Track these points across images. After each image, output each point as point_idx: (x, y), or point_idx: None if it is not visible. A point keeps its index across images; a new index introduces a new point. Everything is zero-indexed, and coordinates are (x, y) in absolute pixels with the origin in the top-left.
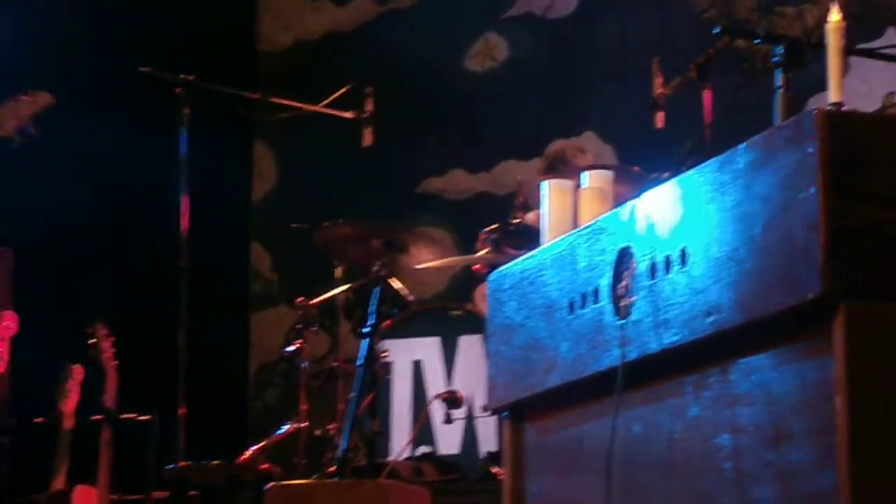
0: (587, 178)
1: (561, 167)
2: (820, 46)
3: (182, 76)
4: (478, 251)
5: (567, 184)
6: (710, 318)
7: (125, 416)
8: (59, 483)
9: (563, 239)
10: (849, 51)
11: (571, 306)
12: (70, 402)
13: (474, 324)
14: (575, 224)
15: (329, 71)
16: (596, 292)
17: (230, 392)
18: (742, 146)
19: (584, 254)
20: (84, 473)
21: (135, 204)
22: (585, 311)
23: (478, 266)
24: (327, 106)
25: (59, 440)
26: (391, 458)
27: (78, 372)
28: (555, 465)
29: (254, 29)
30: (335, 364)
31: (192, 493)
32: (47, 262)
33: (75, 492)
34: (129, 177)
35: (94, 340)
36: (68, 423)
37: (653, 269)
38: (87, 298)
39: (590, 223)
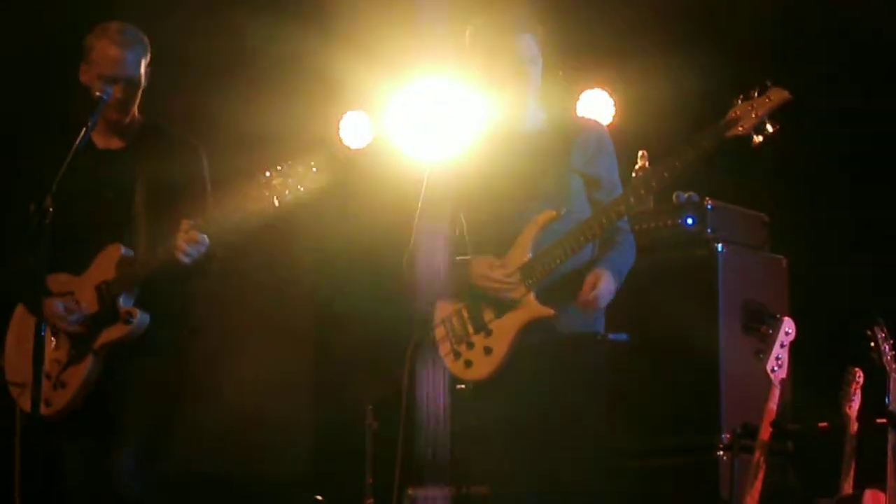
0: None
1: None
2: None
3: None
4: None
5: None
6: None
7: None
8: (847, 487)
9: None
10: None
11: None
12: (854, 406)
13: None
14: None
15: None
16: None
17: None
18: None
19: None
20: (872, 477)
21: None
22: None
23: None
24: None
25: (844, 444)
26: None
27: (859, 375)
28: None
29: None
30: None
31: None
32: (820, 266)
33: (865, 496)
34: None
35: (873, 343)
36: (853, 426)
37: None
38: (862, 299)
39: None
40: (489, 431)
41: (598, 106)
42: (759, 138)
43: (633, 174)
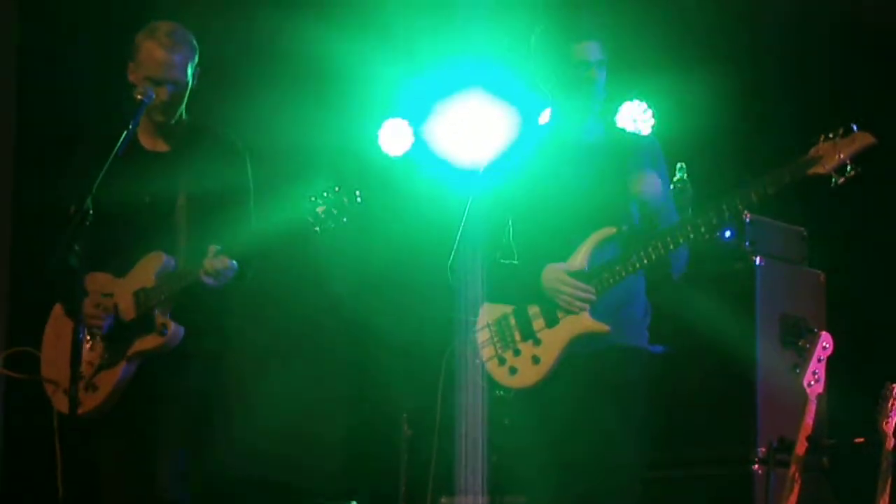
0: None
1: None
2: None
3: None
4: None
5: None
6: None
7: None
8: (882, 503)
9: None
10: None
11: None
12: (891, 422)
13: None
14: None
15: None
16: None
17: None
18: None
19: None
20: None
21: None
22: None
23: None
24: None
25: (880, 460)
26: None
27: None
28: None
29: None
30: None
31: None
32: (858, 281)
33: None
34: None
35: None
36: (890, 443)
37: None
38: None
39: None
40: (528, 441)
41: (637, 117)
42: (840, 180)
43: (672, 187)
